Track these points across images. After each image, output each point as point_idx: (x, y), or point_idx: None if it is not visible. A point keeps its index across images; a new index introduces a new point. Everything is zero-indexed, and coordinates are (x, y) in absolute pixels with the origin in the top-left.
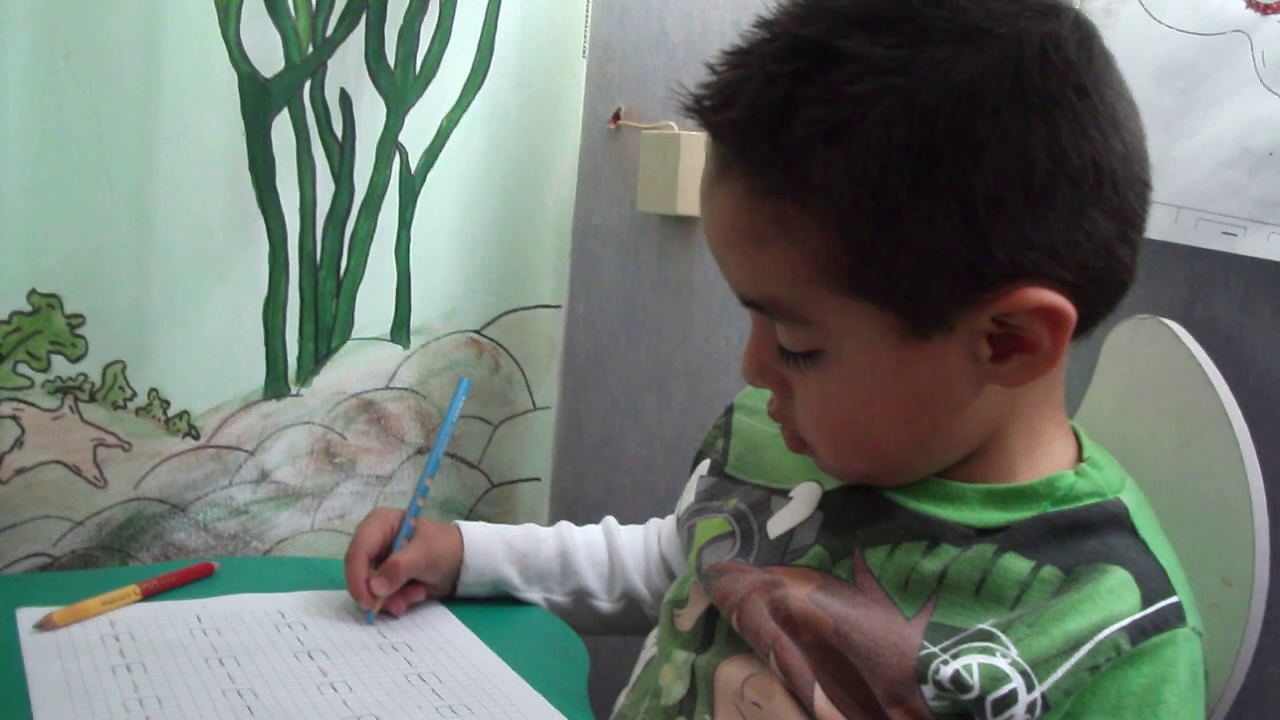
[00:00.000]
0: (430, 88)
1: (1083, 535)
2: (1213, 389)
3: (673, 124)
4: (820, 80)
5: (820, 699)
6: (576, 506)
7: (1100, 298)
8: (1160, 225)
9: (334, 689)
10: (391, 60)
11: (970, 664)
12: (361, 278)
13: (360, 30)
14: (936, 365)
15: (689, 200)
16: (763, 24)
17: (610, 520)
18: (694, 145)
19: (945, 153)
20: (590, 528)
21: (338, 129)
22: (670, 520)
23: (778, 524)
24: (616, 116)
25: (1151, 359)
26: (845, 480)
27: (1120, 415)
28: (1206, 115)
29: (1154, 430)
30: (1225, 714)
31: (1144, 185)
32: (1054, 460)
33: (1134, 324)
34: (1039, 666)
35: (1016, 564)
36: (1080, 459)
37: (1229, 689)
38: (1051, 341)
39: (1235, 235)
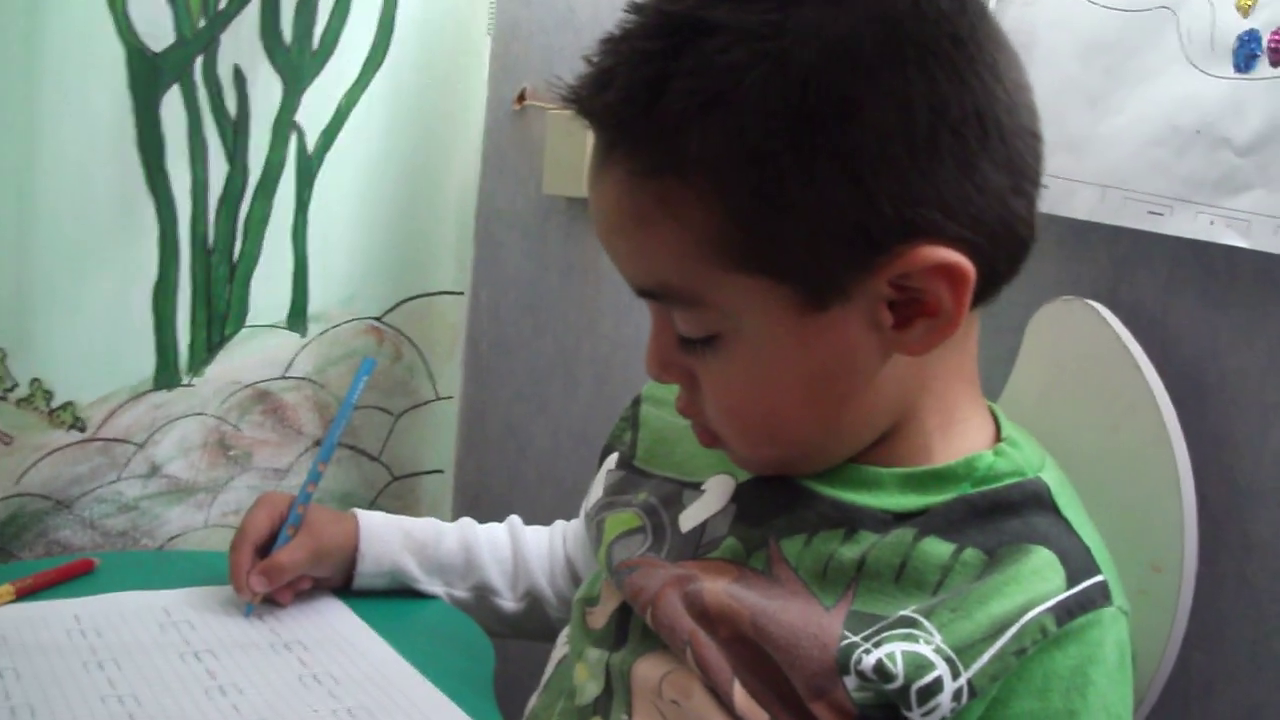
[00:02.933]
0: (328, 65)
1: (1004, 516)
2: (1140, 372)
3: None
4: (692, 52)
5: (740, 695)
6: (481, 499)
7: (999, 255)
8: (1085, 204)
9: (223, 693)
10: (288, 36)
11: (893, 652)
12: (256, 263)
13: (255, 4)
14: (838, 338)
15: None
16: (633, 7)
17: (514, 519)
18: None
19: (823, 113)
20: (494, 525)
21: (231, 107)
22: (575, 523)
23: (690, 517)
24: (522, 97)
25: (1076, 342)
26: (760, 471)
27: (1045, 400)
28: (1133, 92)
29: (1080, 415)
30: (1154, 702)
31: (1034, 137)
32: (971, 440)
33: (1058, 306)
34: (964, 652)
35: (937, 547)
36: (998, 439)
37: (1158, 676)
38: (953, 301)
39: (1162, 214)
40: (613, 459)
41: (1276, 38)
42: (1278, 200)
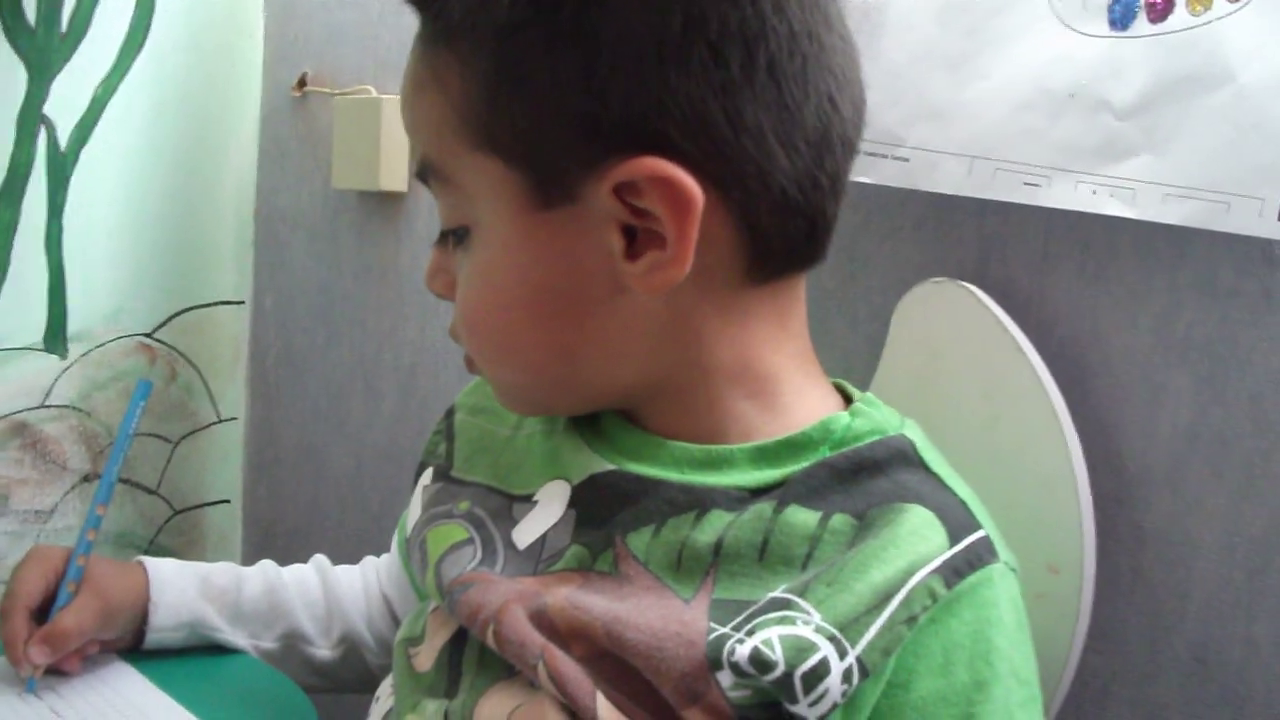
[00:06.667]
0: (80, 49)
1: (870, 476)
2: (1023, 357)
3: (370, 88)
4: None
5: (605, 711)
6: (276, 530)
7: (758, 208)
8: (951, 178)
9: None
10: (31, 16)
11: (770, 638)
12: (4, 277)
13: None
14: (564, 247)
15: (393, 174)
16: None
17: (321, 558)
18: (395, 111)
19: None
20: (298, 566)
21: None
22: (388, 558)
23: (525, 532)
24: (302, 82)
25: (950, 327)
26: (521, 410)
27: (918, 393)
28: (998, 55)
29: (959, 406)
30: (1056, 713)
31: (829, 102)
32: (810, 406)
33: (926, 289)
34: (848, 628)
35: (801, 516)
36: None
37: (1062, 683)
38: (675, 229)
39: (1038, 185)
40: (428, 475)
41: None
42: (1165, 166)
